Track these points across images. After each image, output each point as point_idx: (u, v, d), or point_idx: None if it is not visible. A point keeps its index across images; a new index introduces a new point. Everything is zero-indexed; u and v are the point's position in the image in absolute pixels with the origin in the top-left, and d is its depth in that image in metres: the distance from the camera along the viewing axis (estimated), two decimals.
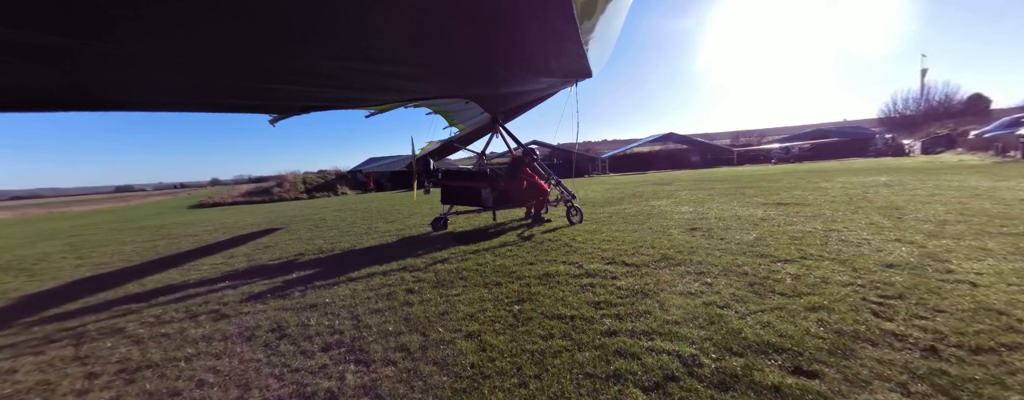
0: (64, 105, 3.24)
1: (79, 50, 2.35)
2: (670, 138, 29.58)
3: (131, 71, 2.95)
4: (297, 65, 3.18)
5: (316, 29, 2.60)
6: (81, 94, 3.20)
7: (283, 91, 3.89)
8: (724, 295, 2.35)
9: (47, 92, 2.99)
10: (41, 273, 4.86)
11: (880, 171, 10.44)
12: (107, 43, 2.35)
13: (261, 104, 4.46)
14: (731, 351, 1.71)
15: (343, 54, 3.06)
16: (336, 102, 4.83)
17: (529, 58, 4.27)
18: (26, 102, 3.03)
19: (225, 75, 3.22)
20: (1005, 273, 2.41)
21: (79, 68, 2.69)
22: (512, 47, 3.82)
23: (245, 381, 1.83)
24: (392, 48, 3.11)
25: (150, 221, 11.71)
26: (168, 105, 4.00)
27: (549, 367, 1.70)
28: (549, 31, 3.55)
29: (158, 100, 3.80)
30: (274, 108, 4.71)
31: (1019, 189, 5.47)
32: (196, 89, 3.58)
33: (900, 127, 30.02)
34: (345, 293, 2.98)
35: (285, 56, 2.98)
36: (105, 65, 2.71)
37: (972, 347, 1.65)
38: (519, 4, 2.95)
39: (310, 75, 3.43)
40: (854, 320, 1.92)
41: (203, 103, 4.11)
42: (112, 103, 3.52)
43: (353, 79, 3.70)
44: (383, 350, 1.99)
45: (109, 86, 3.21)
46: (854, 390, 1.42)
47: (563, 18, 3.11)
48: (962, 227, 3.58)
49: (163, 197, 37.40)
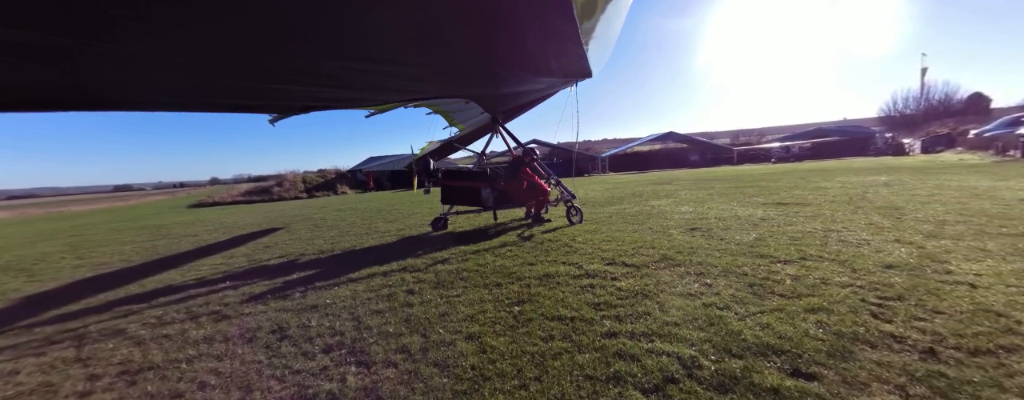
0: (64, 105, 3.24)
1: (79, 50, 2.35)
2: (670, 137, 29.56)
3: (131, 71, 2.95)
4: (297, 65, 3.18)
5: (316, 29, 2.60)
6: (81, 94, 3.20)
7: (283, 91, 3.89)
8: (724, 296, 2.35)
9: (47, 92, 2.99)
10: (41, 273, 4.86)
11: (880, 170, 10.45)
12: (107, 43, 2.35)
13: (261, 104, 4.45)
14: (730, 353, 1.72)
15: (343, 54, 3.06)
16: (336, 102, 4.83)
17: (529, 58, 4.27)
18: (26, 102, 3.02)
19: (225, 75, 3.21)
20: (1004, 274, 2.42)
21: (79, 68, 2.69)
22: (512, 47, 3.81)
23: (247, 383, 1.84)
24: (392, 48, 3.10)
25: (149, 221, 11.71)
26: (168, 105, 4.00)
27: (549, 369, 1.71)
28: (549, 31, 3.55)
29: (158, 100, 3.80)
30: (274, 108, 4.71)
31: (1019, 189, 5.47)
32: (196, 89, 3.58)
33: (900, 126, 30.04)
34: (346, 294, 2.99)
35: (285, 56, 2.97)
36: (105, 65, 2.71)
37: (970, 349, 1.65)
38: (519, 4, 2.95)
39: (310, 75, 3.43)
40: (853, 322, 1.93)
41: (203, 103, 4.11)
42: (112, 103, 3.51)
43: (353, 79, 3.70)
44: (384, 352, 2.00)
45: (109, 86, 3.21)
46: (853, 392, 1.43)
47: (563, 18, 3.10)
48: (961, 227, 3.59)
49: (162, 196, 37.38)
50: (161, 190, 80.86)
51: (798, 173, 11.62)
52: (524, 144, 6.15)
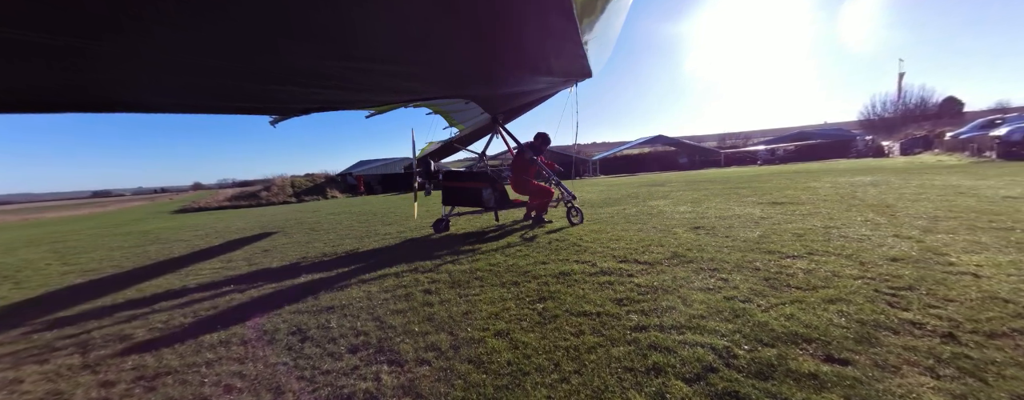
0: (64, 105, 3.15)
1: (79, 50, 2.29)
2: (659, 140, 30.08)
3: (131, 72, 2.89)
4: (297, 65, 3.15)
5: (316, 29, 2.59)
6: (81, 94, 3.11)
7: (284, 92, 3.84)
8: (742, 290, 2.40)
9: (47, 92, 2.90)
10: (26, 281, 4.66)
11: (864, 171, 10.81)
12: (107, 43, 2.30)
13: (262, 105, 4.39)
14: (762, 342, 1.75)
15: (343, 54, 3.05)
16: (336, 103, 4.79)
17: (529, 58, 4.31)
18: (26, 102, 2.93)
19: (226, 76, 3.17)
20: (1003, 265, 2.53)
21: (79, 68, 2.62)
22: (512, 47, 3.85)
23: (275, 384, 1.80)
24: (392, 48, 3.10)
25: (135, 226, 11.33)
26: (169, 106, 3.91)
27: (587, 362, 1.72)
28: (549, 31, 3.59)
29: (158, 101, 3.71)
30: (275, 109, 4.64)
31: (999, 187, 5.73)
32: (197, 90, 3.52)
33: (879, 129, 31.17)
34: (360, 295, 2.95)
35: (286, 56, 2.95)
36: (105, 65, 2.65)
37: (987, 333, 1.73)
38: (519, 4, 2.98)
39: (310, 75, 3.41)
40: (872, 310, 2.00)
41: (205, 104, 4.03)
42: (112, 104, 3.42)
43: (353, 79, 3.68)
44: (414, 350, 1.98)
45: (109, 86, 3.13)
46: (887, 375, 1.48)
47: (563, 18, 3.15)
48: (953, 223, 3.74)
49: (143, 202, 36.19)
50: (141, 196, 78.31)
51: (785, 174, 11.93)
52: (536, 133, 6.04)
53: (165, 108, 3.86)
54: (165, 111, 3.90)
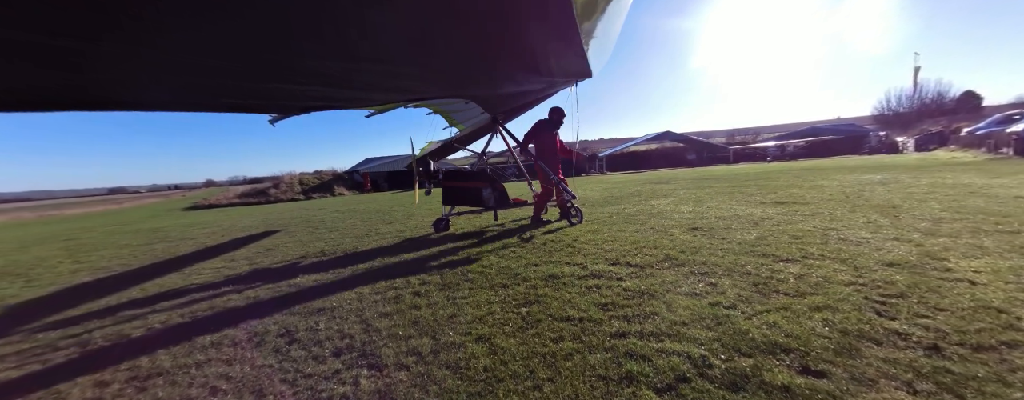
0: (64, 105, 3.22)
1: (79, 50, 2.34)
2: (667, 137, 29.69)
3: (131, 71, 2.93)
4: (297, 65, 3.18)
5: (316, 29, 2.60)
6: (81, 94, 3.18)
7: (283, 91, 3.88)
8: (729, 295, 2.38)
9: (47, 92, 2.97)
10: (38, 279, 4.81)
11: (875, 169, 10.56)
12: (107, 43, 2.34)
13: (261, 104, 4.44)
14: (740, 351, 1.74)
15: (343, 54, 3.06)
16: (336, 102, 4.82)
17: (529, 58, 4.29)
18: (26, 102, 3.00)
19: (225, 75, 3.21)
20: (1002, 271, 2.46)
21: (79, 68, 2.68)
22: (512, 47, 3.83)
23: (259, 387, 1.84)
24: (392, 48, 3.11)
25: (146, 224, 11.61)
26: (168, 105, 3.98)
27: (562, 369, 1.72)
28: (549, 31, 3.57)
29: (158, 100, 3.78)
30: (274, 108, 4.69)
31: (1012, 186, 5.56)
32: (197, 89, 3.57)
33: (894, 125, 30.38)
34: (351, 297, 2.99)
35: (285, 56, 2.97)
36: (105, 65, 2.70)
37: (973, 345, 1.69)
38: (519, 4, 2.96)
39: (310, 75, 3.43)
40: (858, 319, 1.96)
41: (204, 103, 4.09)
42: (112, 103, 3.49)
43: (353, 79, 3.70)
44: (395, 354, 2.01)
45: (109, 86, 3.19)
46: (862, 389, 1.45)
47: (563, 18, 3.12)
48: (958, 225, 3.64)
49: (157, 199, 37.06)
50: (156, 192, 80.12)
51: (794, 172, 11.72)
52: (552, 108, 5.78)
53: (164, 107, 3.92)
54: (164, 109, 3.97)
